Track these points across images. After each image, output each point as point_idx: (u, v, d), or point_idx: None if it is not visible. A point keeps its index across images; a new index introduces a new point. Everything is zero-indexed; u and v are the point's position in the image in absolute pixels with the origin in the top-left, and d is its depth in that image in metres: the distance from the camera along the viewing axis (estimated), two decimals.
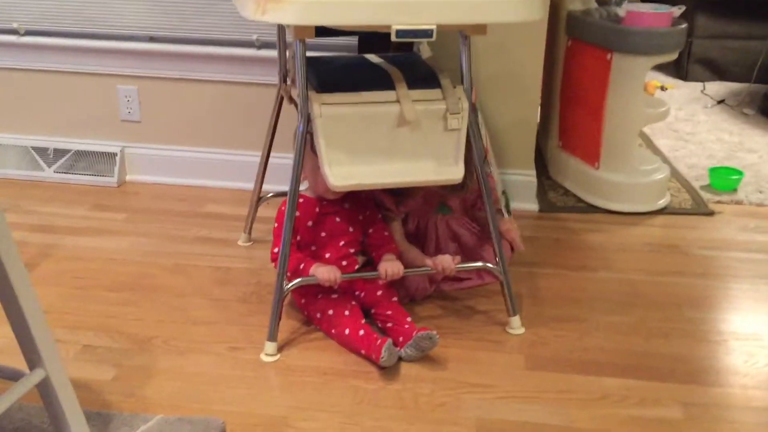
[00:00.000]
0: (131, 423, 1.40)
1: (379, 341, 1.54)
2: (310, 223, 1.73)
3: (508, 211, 2.12)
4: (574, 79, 2.42)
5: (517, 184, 2.35)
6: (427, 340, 1.57)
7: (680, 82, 3.90)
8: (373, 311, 1.72)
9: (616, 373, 1.59)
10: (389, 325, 1.68)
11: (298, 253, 1.68)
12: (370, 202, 1.80)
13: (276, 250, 1.67)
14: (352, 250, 1.76)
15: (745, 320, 1.81)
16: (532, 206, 2.39)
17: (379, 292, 1.73)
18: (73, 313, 1.79)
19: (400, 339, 1.62)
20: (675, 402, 1.50)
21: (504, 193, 2.16)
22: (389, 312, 1.69)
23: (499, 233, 1.77)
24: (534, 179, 2.38)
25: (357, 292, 1.75)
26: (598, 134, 2.32)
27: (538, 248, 2.13)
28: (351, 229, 1.76)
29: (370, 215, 1.79)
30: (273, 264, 1.68)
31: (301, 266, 1.66)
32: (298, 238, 1.72)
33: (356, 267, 1.77)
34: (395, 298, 1.74)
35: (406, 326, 1.64)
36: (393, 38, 1.37)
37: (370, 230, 1.79)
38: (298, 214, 1.67)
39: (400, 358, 1.60)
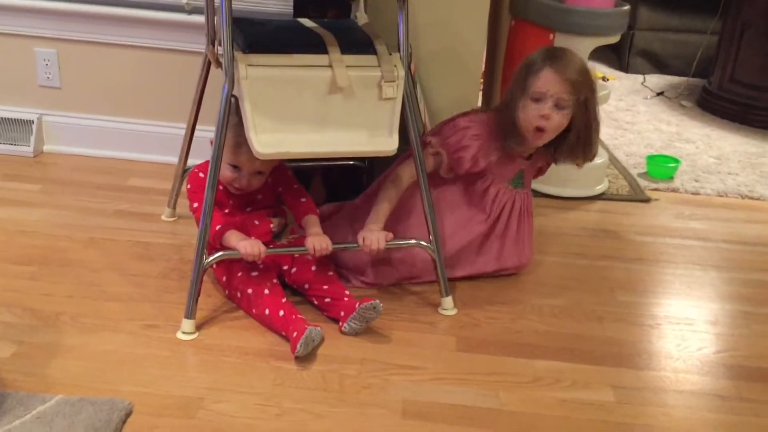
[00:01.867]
0: (27, 403, 1.28)
1: (295, 333, 1.45)
2: (221, 187, 1.65)
3: None
4: (517, 60, 2.37)
5: None
6: (371, 311, 1.51)
7: (621, 74, 3.92)
8: (307, 287, 1.64)
9: (548, 356, 1.55)
10: (327, 300, 1.60)
11: (215, 212, 1.59)
12: (275, 162, 1.69)
13: (195, 204, 1.63)
14: (263, 212, 1.71)
15: (678, 305, 1.79)
16: None
17: (314, 268, 1.65)
18: None
19: (342, 314, 1.55)
20: (606, 385, 1.47)
21: None
22: (326, 287, 1.62)
23: None
24: None
25: (286, 267, 1.67)
26: None
27: None
28: (260, 196, 1.71)
29: (278, 175, 1.72)
30: (194, 216, 1.64)
31: (218, 227, 1.57)
32: None
33: (270, 226, 1.70)
34: (331, 272, 1.66)
35: (346, 299, 1.58)
36: None
37: (280, 189, 1.73)
38: (202, 175, 1.62)
39: (342, 333, 1.56)
